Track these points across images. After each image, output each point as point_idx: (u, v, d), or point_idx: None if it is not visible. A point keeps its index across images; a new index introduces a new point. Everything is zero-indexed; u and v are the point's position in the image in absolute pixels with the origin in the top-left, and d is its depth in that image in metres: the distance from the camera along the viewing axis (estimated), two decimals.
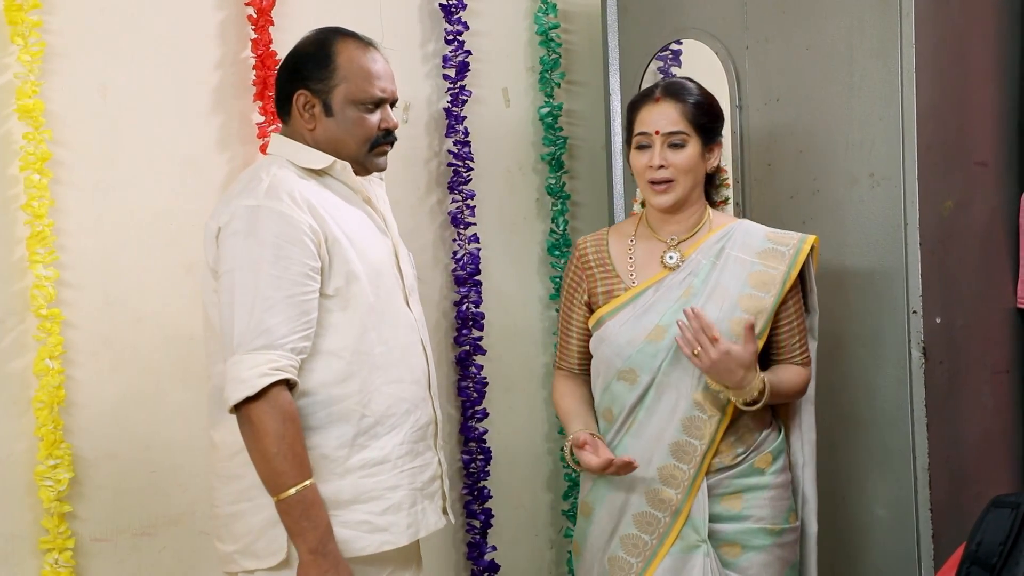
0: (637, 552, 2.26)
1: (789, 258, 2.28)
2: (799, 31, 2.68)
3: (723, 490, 2.26)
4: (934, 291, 2.47)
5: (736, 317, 2.24)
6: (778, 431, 2.34)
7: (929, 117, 2.46)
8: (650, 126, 2.27)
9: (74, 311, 2.53)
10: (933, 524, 2.46)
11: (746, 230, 2.33)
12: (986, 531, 2.04)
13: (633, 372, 2.27)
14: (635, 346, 2.26)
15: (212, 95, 2.73)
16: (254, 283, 2.00)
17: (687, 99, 2.28)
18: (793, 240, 2.30)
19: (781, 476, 2.31)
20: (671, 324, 2.24)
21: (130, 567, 2.61)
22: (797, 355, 2.33)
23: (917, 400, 2.46)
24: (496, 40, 3.27)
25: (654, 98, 2.30)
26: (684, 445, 2.24)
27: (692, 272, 2.29)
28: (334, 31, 2.21)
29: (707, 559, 2.22)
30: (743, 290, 2.26)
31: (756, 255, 2.29)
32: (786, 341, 2.32)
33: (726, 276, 2.27)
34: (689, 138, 2.27)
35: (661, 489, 2.24)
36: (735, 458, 2.26)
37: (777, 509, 2.29)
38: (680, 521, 2.23)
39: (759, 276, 2.27)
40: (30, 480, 2.47)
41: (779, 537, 2.28)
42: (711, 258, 2.29)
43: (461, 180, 3.16)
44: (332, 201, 2.14)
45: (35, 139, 2.43)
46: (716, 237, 2.32)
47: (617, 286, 2.34)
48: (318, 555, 1.99)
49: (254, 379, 1.95)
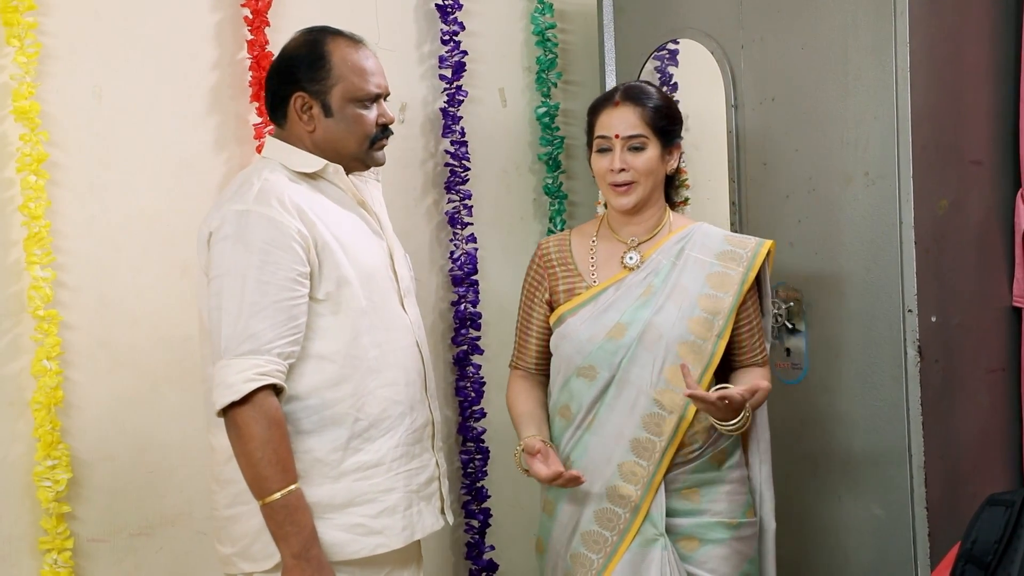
0: (598, 548, 2.29)
1: (747, 260, 2.33)
2: (794, 30, 2.68)
3: (680, 484, 2.30)
4: (929, 290, 2.48)
5: (695, 316, 2.29)
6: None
7: (924, 116, 2.47)
8: (610, 130, 2.32)
9: (71, 312, 2.53)
10: (929, 523, 2.47)
11: (705, 232, 2.39)
12: (981, 529, 2.05)
13: (593, 369, 2.30)
14: (595, 343, 2.30)
15: (208, 96, 2.73)
16: (241, 288, 2.00)
17: (646, 103, 2.32)
18: (751, 244, 2.36)
19: (736, 471, 2.35)
20: (631, 322, 2.29)
21: (127, 567, 2.61)
22: (758, 355, 2.39)
23: (912, 399, 2.47)
24: (492, 40, 3.27)
25: (613, 102, 2.34)
26: (644, 442, 2.27)
27: (652, 272, 2.34)
28: (323, 31, 2.21)
29: (665, 552, 2.25)
30: (702, 290, 2.31)
31: (715, 256, 2.34)
32: (747, 341, 2.36)
33: (685, 276, 2.32)
34: (648, 141, 2.31)
35: (621, 485, 2.27)
36: (691, 453, 2.30)
37: (734, 504, 2.32)
38: (640, 517, 2.27)
39: (718, 277, 2.32)
40: (28, 481, 2.47)
41: (736, 531, 2.31)
42: (671, 259, 2.34)
43: (458, 180, 3.16)
44: (324, 205, 2.14)
45: (31, 141, 2.43)
46: (676, 239, 2.37)
47: (579, 284, 2.38)
48: (301, 559, 2.00)
49: (240, 384, 1.96)
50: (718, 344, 2.29)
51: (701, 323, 2.28)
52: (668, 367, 2.27)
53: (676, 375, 2.25)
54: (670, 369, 2.26)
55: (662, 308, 2.29)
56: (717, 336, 2.29)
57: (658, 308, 2.29)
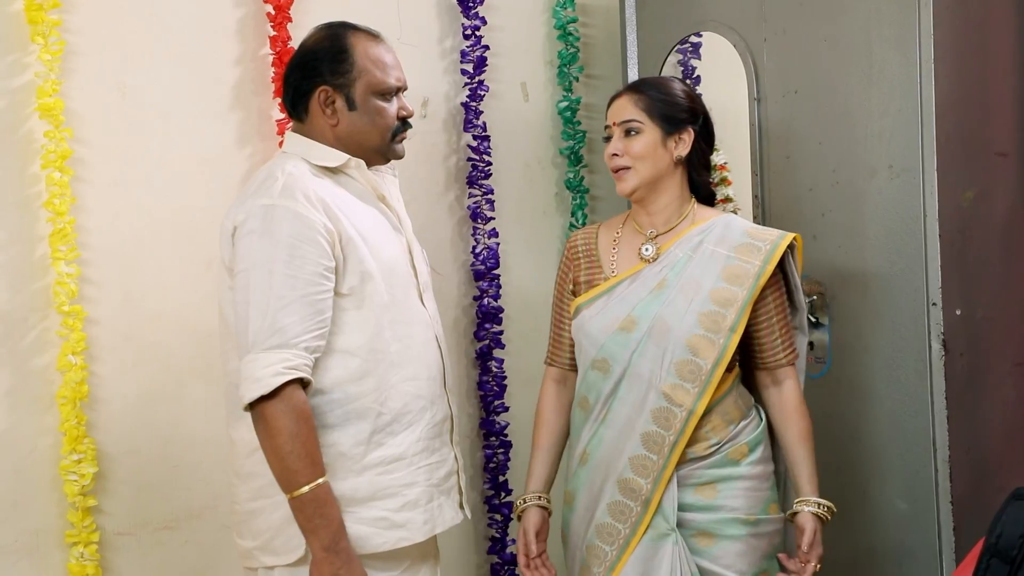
0: (611, 540, 2.28)
1: (765, 253, 2.29)
2: (817, 23, 2.67)
3: (696, 480, 2.28)
4: (954, 283, 2.46)
5: (706, 310, 2.26)
6: (758, 422, 2.35)
7: (948, 107, 2.45)
8: (611, 118, 2.36)
9: (96, 307, 2.55)
10: (954, 517, 2.45)
11: (727, 224, 2.35)
12: (1006, 523, 2.03)
13: (606, 362, 2.30)
14: (607, 335, 2.30)
15: (231, 92, 2.75)
16: (268, 282, 2.01)
17: (645, 90, 2.34)
18: (772, 236, 2.32)
19: (758, 467, 2.31)
20: (642, 316, 2.28)
21: (153, 560, 2.63)
22: (781, 354, 2.33)
23: (937, 392, 2.45)
24: (514, 35, 3.27)
25: (619, 94, 2.38)
26: (654, 435, 2.26)
27: (668, 265, 2.32)
28: (342, 25, 2.22)
29: (676, 547, 2.24)
30: (716, 283, 2.28)
31: (733, 249, 2.31)
32: (766, 339, 2.32)
33: (700, 269, 2.30)
34: (643, 126, 2.31)
35: (632, 479, 2.27)
36: (708, 448, 2.28)
37: (753, 499, 2.30)
38: (651, 510, 2.26)
39: (733, 269, 2.29)
40: (55, 475, 2.50)
41: (755, 527, 2.29)
42: (688, 251, 2.32)
43: (480, 175, 3.16)
44: (346, 199, 2.15)
45: (56, 137, 2.46)
46: (697, 231, 2.34)
47: (598, 276, 2.39)
48: (331, 552, 2.00)
49: (268, 378, 1.96)
50: (731, 338, 2.24)
51: (711, 317, 2.25)
52: (677, 361, 2.24)
53: (685, 369, 2.24)
54: (679, 363, 2.24)
55: (672, 301, 2.27)
56: (730, 330, 2.24)
57: (668, 301, 2.27)
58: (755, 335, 2.32)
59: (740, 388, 2.34)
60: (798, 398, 2.35)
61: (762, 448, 2.33)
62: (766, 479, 2.33)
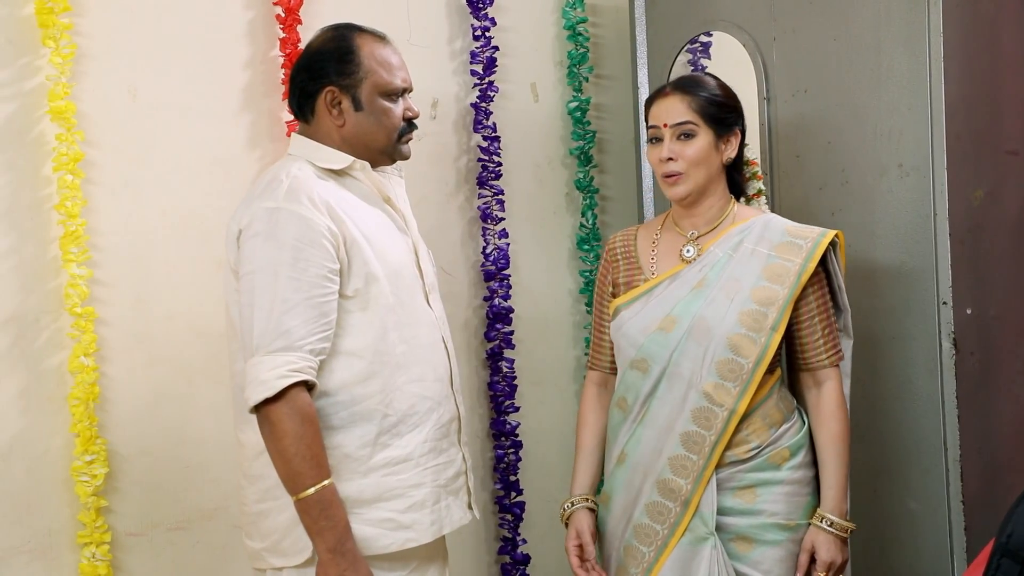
0: (649, 541, 2.27)
1: (807, 251, 2.26)
2: (826, 21, 2.66)
3: (736, 483, 2.25)
4: (964, 282, 2.45)
5: (747, 309, 2.23)
6: (800, 426, 2.31)
7: (958, 106, 2.44)
8: (659, 119, 2.30)
9: (107, 309, 2.56)
10: (965, 517, 2.44)
11: (766, 223, 2.32)
12: (1017, 523, 2.02)
13: (645, 362, 2.28)
14: (647, 335, 2.28)
15: (241, 94, 2.76)
16: (273, 285, 2.02)
17: (695, 91, 2.29)
18: (813, 234, 2.29)
19: (799, 472, 2.28)
20: (682, 315, 2.26)
21: (165, 561, 2.64)
22: (823, 355, 2.29)
23: (948, 392, 2.44)
24: (524, 35, 3.28)
25: (664, 92, 2.32)
26: (694, 435, 2.23)
27: (708, 264, 2.29)
28: (348, 27, 2.23)
29: (714, 552, 2.21)
30: (757, 282, 2.25)
31: (774, 248, 2.28)
32: (808, 339, 2.29)
33: (741, 269, 2.27)
34: (698, 128, 2.27)
35: (671, 479, 2.25)
36: (748, 452, 2.25)
37: (793, 505, 2.26)
38: (690, 512, 2.23)
39: (774, 268, 2.26)
40: (67, 476, 2.51)
41: (794, 532, 2.26)
42: (728, 251, 2.29)
43: (490, 176, 3.16)
44: (351, 201, 2.15)
45: (67, 140, 2.47)
46: (736, 231, 2.31)
47: (637, 277, 2.36)
48: (336, 554, 2.01)
49: (273, 380, 1.97)
50: (772, 337, 2.21)
51: (753, 316, 2.22)
52: (718, 360, 2.22)
53: (726, 369, 2.22)
54: (720, 362, 2.22)
55: (713, 300, 2.24)
56: (771, 329, 2.21)
57: (709, 301, 2.25)
58: (797, 335, 2.29)
59: (782, 391, 2.31)
60: (837, 401, 2.29)
61: (804, 452, 2.29)
62: (807, 484, 2.29)
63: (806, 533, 2.26)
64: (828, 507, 2.26)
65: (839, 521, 2.25)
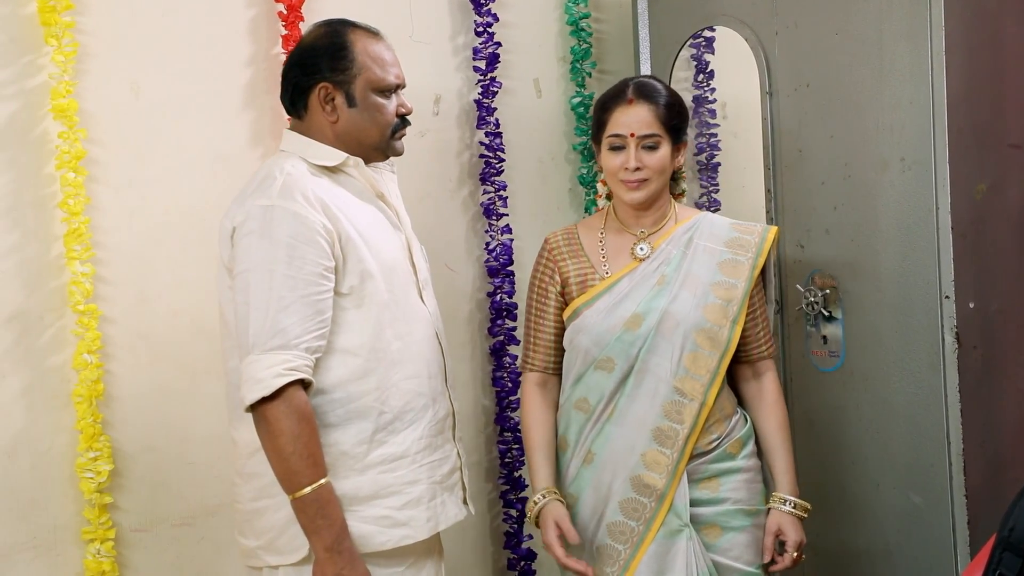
0: (624, 539, 2.29)
1: (755, 247, 2.37)
2: (828, 16, 2.66)
3: (701, 475, 2.32)
4: (967, 276, 2.45)
5: (710, 303, 2.32)
6: (744, 418, 2.41)
7: (960, 100, 2.44)
8: (624, 128, 2.33)
9: (111, 306, 2.57)
10: (968, 510, 2.44)
11: (711, 221, 2.42)
12: (1019, 517, 2.02)
13: (611, 360, 2.32)
14: (613, 334, 2.32)
15: (243, 92, 2.76)
16: (268, 284, 2.01)
17: (659, 101, 2.34)
18: (758, 230, 2.40)
19: (751, 460, 2.38)
20: (648, 312, 2.31)
21: (170, 557, 2.65)
22: (763, 347, 2.42)
23: (951, 386, 2.44)
24: (526, 31, 3.28)
25: (627, 99, 2.34)
26: (667, 430, 2.28)
27: (664, 261, 2.36)
28: (341, 23, 2.23)
29: (690, 543, 2.26)
30: (715, 277, 2.34)
31: (724, 244, 2.37)
32: (751, 332, 2.39)
33: (696, 265, 2.35)
34: (662, 140, 2.34)
35: (645, 474, 2.28)
36: (710, 444, 2.33)
37: (751, 491, 2.36)
38: (665, 506, 2.28)
39: (729, 264, 2.36)
40: (72, 472, 2.52)
41: (755, 518, 2.35)
42: (680, 248, 2.37)
43: (493, 171, 3.17)
44: (345, 198, 2.15)
45: (70, 138, 2.47)
46: (683, 228, 2.40)
47: (592, 276, 2.39)
48: (334, 552, 2.01)
49: (269, 379, 1.97)
50: (734, 330, 2.32)
51: (716, 310, 2.32)
52: (687, 355, 2.30)
53: (695, 362, 2.29)
54: (689, 357, 2.30)
55: (677, 296, 2.32)
56: (732, 322, 2.32)
57: (673, 297, 2.32)
58: (743, 328, 2.37)
59: (726, 384, 2.39)
60: (778, 389, 2.43)
61: (752, 441, 2.40)
62: (759, 471, 2.40)
63: (768, 517, 2.35)
64: (786, 489, 2.36)
65: (800, 502, 2.35)
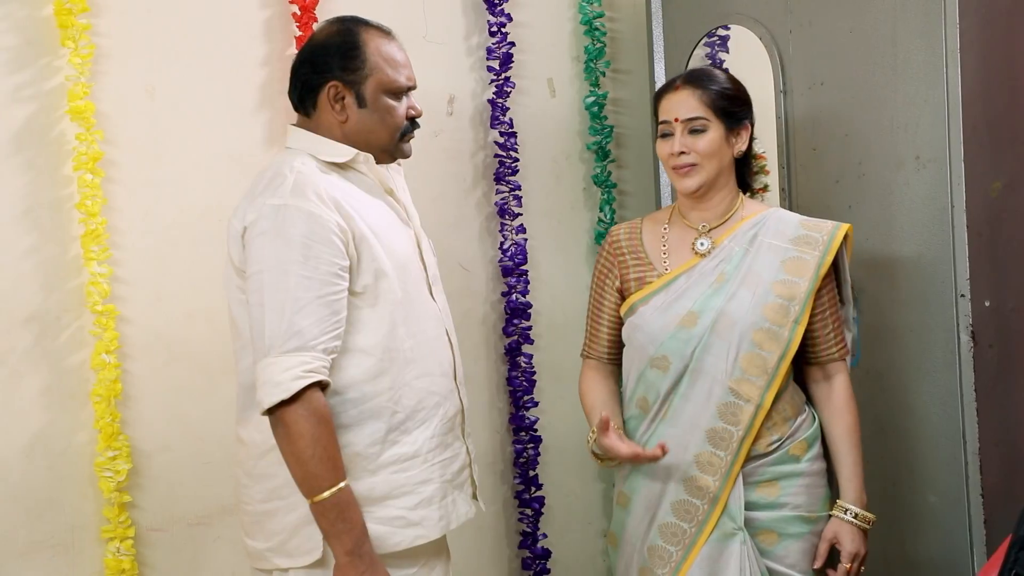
0: (676, 541, 2.26)
1: (823, 244, 2.28)
2: (842, 14, 2.66)
3: (759, 477, 2.26)
4: (982, 274, 2.44)
5: (770, 303, 2.24)
6: (812, 419, 2.34)
7: (975, 97, 2.43)
8: (670, 114, 2.30)
9: (128, 306, 2.58)
10: (985, 510, 2.43)
11: (780, 217, 2.34)
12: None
13: (666, 359, 2.27)
14: (668, 332, 2.27)
15: (258, 92, 2.77)
16: (284, 284, 1.97)
17: (706, 85, 2.30)
18: (827, 227, 2.31)
19: (816, 464, 2.30)
20: (703, 310, 2.26)
21: (187, 555, 2.67)
22: (833, 348, 2.33)
23: (967, 385, 2.43)
24: (540, 30, 3.28)
25: (674, 87, 2.32)
26: (720, 432, 2.23)
27: (724, 259, 2.30)
28: (354, 20, 2.19)
29: (743, 547, 2.21)
30: (777, 276, 2.26)
31: (790, 242, 2.29)
32: (820, 332, 2.31)
33: (759, 262, 2.28)
34: (709, 123, 2.28)
35: (698, 476, 2.24)
36: (770, 445, 2.26)
37: (813, 496, 2.28)
38: (718, 509, 2.23)
39: (793, 262, 2.27)
40: (90, 471, 2.54)
41: (815, 525, 2.28)
42: (744, 245, 2.30)
43: (507, 171, 3.17)
44: (356, 195, 2.12)
45: (87, 139, 2.49)
46: (749, 224, 2.32)
47: (649, 273, 2.35)
48: (355, 556, 1.97)
49: (288, 382, 1.93)
50: (795, 330, 2.24)
51: (776, 309, 2.24)
52: (743, 355, 2.23)
53: (751, 363, 2.23)
54: (745, 357, 2.23)
55: (735, 295, 2.25)
56: (794, 322, 2.24)
57: (731, 295, 2.26)
58: (809, 328, 2.30)
59: (793, 384, 2.33)
60: (848, 393, 2.34)
61: (819, 444, 2.32)
62: (823, 475, 2.32)
63: (827, 524, 2.28)
64: (850, 498, 2.28)
65: (862, 512, 2.27)
